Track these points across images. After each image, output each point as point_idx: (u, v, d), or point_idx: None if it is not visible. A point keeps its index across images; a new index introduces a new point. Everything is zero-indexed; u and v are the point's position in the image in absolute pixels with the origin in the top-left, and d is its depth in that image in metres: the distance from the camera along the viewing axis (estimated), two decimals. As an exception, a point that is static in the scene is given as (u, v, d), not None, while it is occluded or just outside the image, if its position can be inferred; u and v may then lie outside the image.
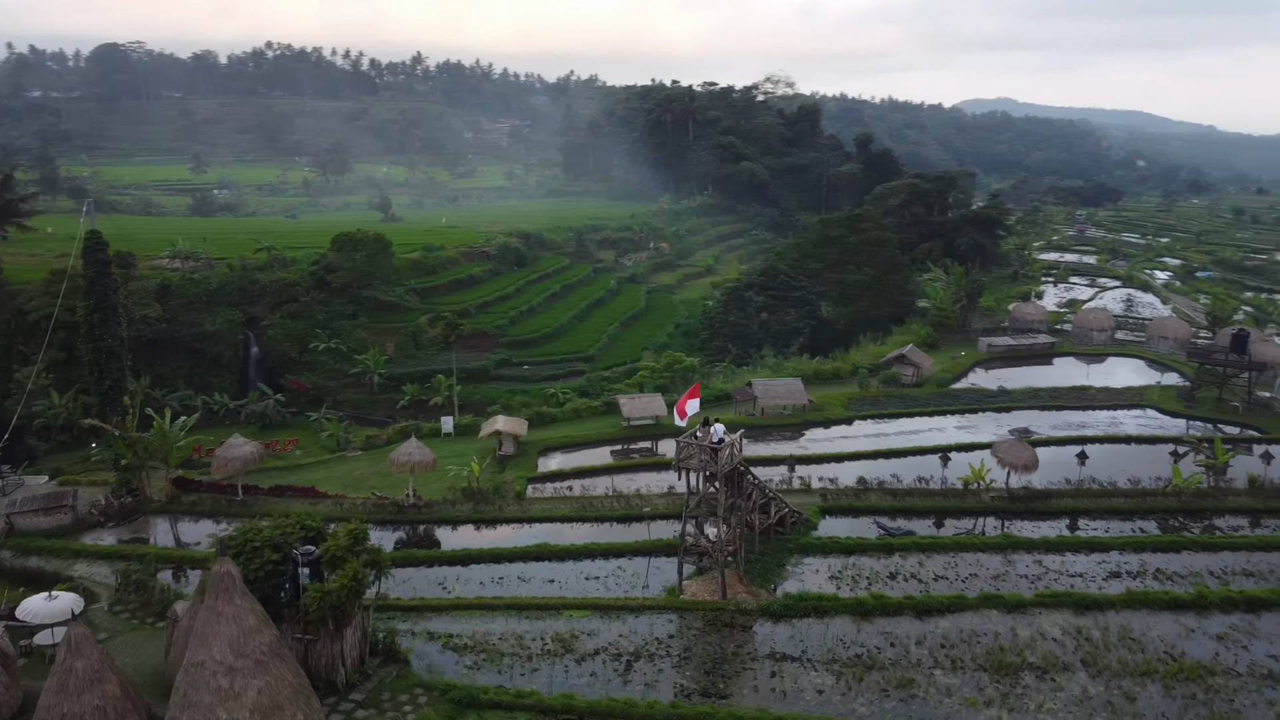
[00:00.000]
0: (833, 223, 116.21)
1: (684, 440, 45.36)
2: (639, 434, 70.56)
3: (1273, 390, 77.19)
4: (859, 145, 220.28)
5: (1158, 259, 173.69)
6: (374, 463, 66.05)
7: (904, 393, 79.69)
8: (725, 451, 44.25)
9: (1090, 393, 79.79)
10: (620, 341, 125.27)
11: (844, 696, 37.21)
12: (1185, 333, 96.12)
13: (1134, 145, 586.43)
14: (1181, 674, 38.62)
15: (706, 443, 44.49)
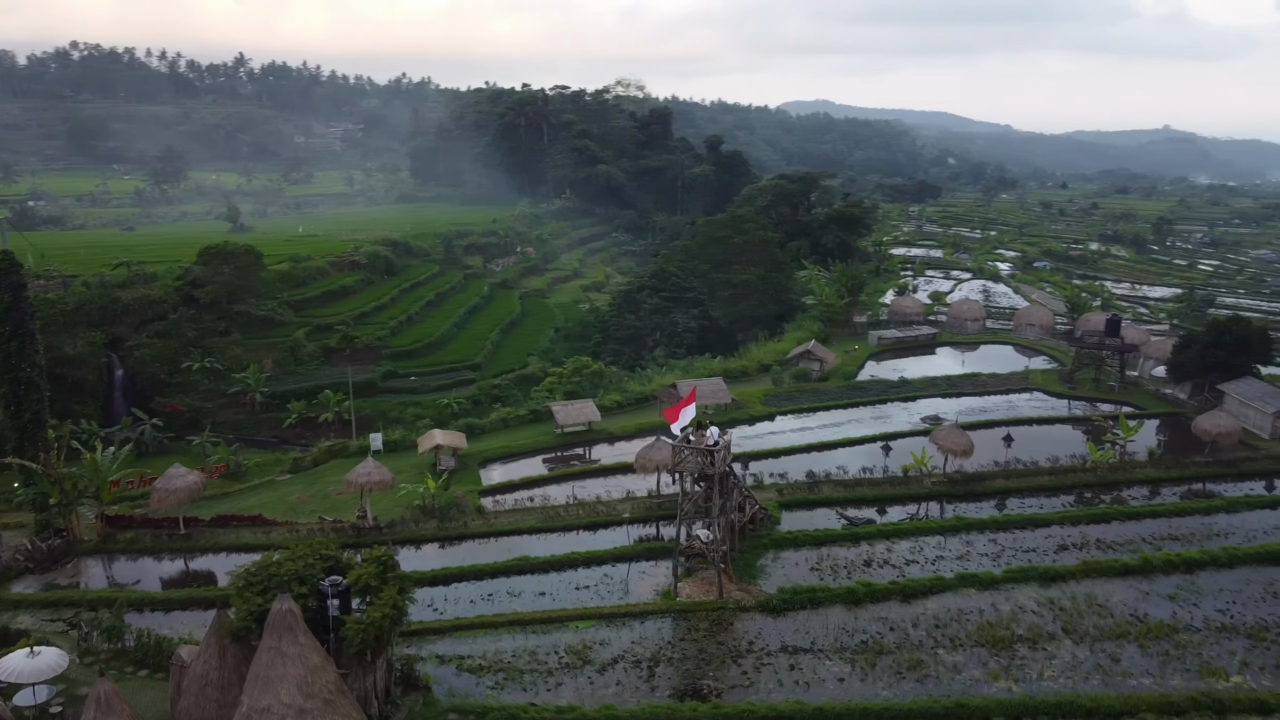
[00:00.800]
0: (717, 224, 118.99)
1: (679, 444, 45.84)
2: (573, 441, 70.47)
3: (1139, 370, 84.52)
4: (710, 147, 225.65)
5: (995, 251, 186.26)
6: (308, 486, 63.32)
7: (815, 387, 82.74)
8: (721, 453, 45.01)
9: (981, 379, 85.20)
10: (503, 348, 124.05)
11: (864, 682, 38.75)
12: (1049, 320, 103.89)
13: (944, 144, 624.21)
14: (1151, 634, 42.26)
15: (703, 445, 45.10)
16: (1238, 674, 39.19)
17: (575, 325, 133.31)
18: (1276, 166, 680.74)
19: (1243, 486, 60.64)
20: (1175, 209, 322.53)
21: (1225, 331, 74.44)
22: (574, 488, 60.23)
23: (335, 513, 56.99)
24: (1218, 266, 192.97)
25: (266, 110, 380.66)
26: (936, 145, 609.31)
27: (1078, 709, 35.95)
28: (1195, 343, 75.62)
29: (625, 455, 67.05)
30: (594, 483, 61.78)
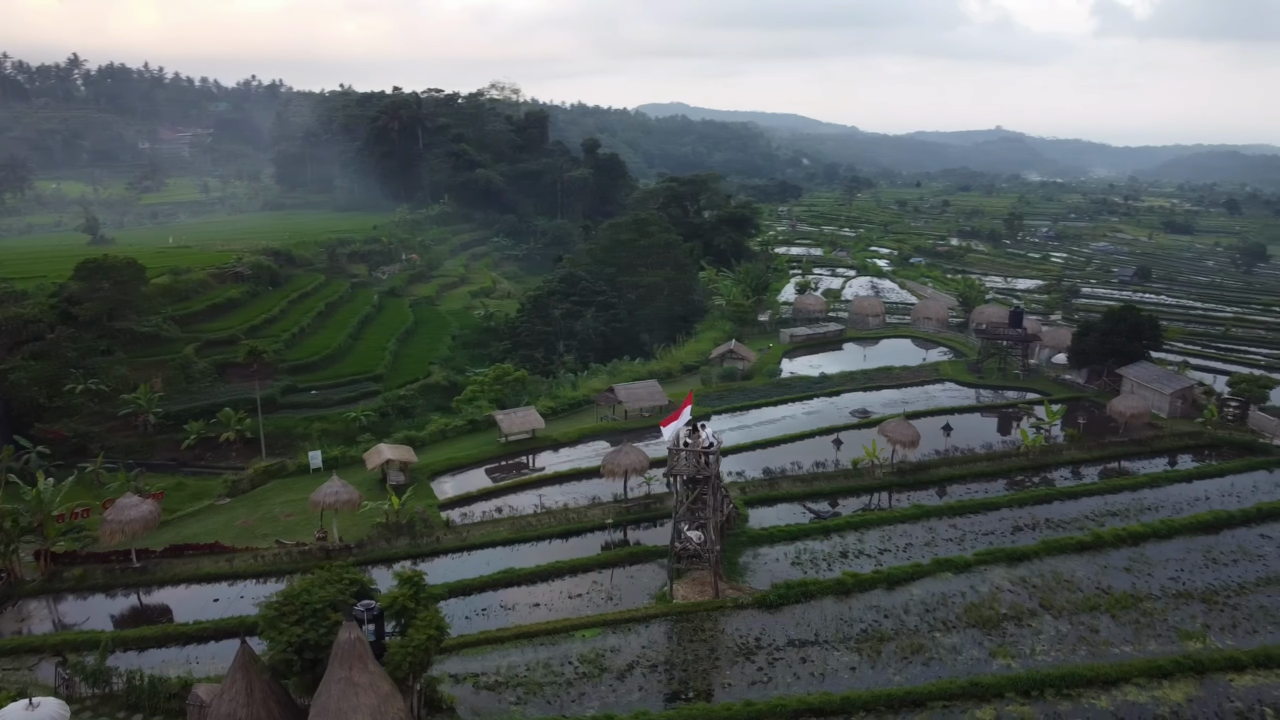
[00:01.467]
0: (621, 227, 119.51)
1: (674, 447, 46.15)
2: (518, 449, 69.75)
3: (1036, 359, 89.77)
4: (587, 150, 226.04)
5: (869, 248, 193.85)
6: (251, 509, 60.50)
7: (742, 386, 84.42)
8: (716, 455, 45.59)
9: (895, 372, 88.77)
10: (403, 358, 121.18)
11: (874, 670, 40.09)
12: (944, 313, 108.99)
13: (796, 145, 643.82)
14: (1118, 604, 45.27)
15: (698, 448, 45.56)
16: (1203, 636, 42.38)
17: (472, 332, 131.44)
18: (1096, 164, 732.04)
19: (1155, 463, 65.50)
20: (1016, 205, 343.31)
21: (1120, 319, 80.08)
22: (535, 496, 59.78)
23: (291, 535, 54.77)
24: (1067, 258, 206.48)
25: (107, 114, 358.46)
26: (790, 146, 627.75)
27: (1078, 679, 38.27)
28: (1093, 331, 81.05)
29: (574, 461, 67.11)
30: (553, 490, 61.44)
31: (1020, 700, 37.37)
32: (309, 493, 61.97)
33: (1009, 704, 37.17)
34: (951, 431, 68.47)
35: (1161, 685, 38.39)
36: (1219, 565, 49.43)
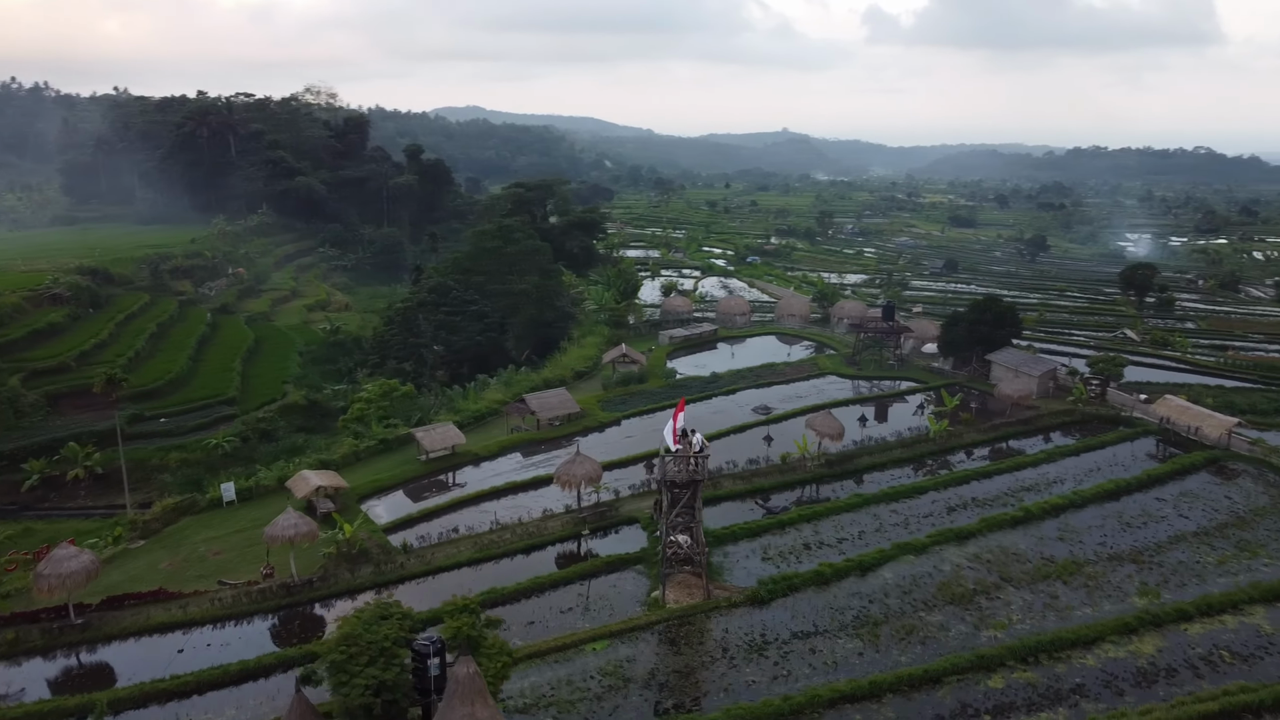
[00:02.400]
0: (486, 234, 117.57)
1: (665, 455, 46.55)
2: (441, 466, 67.89)
3: (904, 350, 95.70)
4: (410, 156, 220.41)
5: (702, 249, 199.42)
6: (172, 550, 56.00)
7: (641, 389, 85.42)
8: (707, 460, 46.42)
9: (779, 368, 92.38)
10: (253, 379, 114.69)
11: (880, 653, 42.23)
12: (806, 310, 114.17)
13: (597, 148, 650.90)
14: (1065, 571, 49.58)
15: (690, 453, 46.20)
16: (1140, 594, 47.16)
17: (319, 348, 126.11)
18: (875, 162, 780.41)
19: (1042, 440, 71.62)
20: (815, 203, 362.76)
21: (986, 310, 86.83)
22: (480, 513, 58.59)
23: (229, 574, 51.34)
24: (878, 252, 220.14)
25: None
26: (592, 149, 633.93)
27: (1063, 642, 41.88)
28: (961, 321, 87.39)
29: (501, 475, 66.19)
30: (494, 505, 60.30)
31: (1021, 667, 40.46)
32: (230, 528, 58.59)
33: (1013, 671, 40.16)
34: (866, 422, 72.20)
35: (1132, 640, 42.54)
36: (1133, 528, 54.92)
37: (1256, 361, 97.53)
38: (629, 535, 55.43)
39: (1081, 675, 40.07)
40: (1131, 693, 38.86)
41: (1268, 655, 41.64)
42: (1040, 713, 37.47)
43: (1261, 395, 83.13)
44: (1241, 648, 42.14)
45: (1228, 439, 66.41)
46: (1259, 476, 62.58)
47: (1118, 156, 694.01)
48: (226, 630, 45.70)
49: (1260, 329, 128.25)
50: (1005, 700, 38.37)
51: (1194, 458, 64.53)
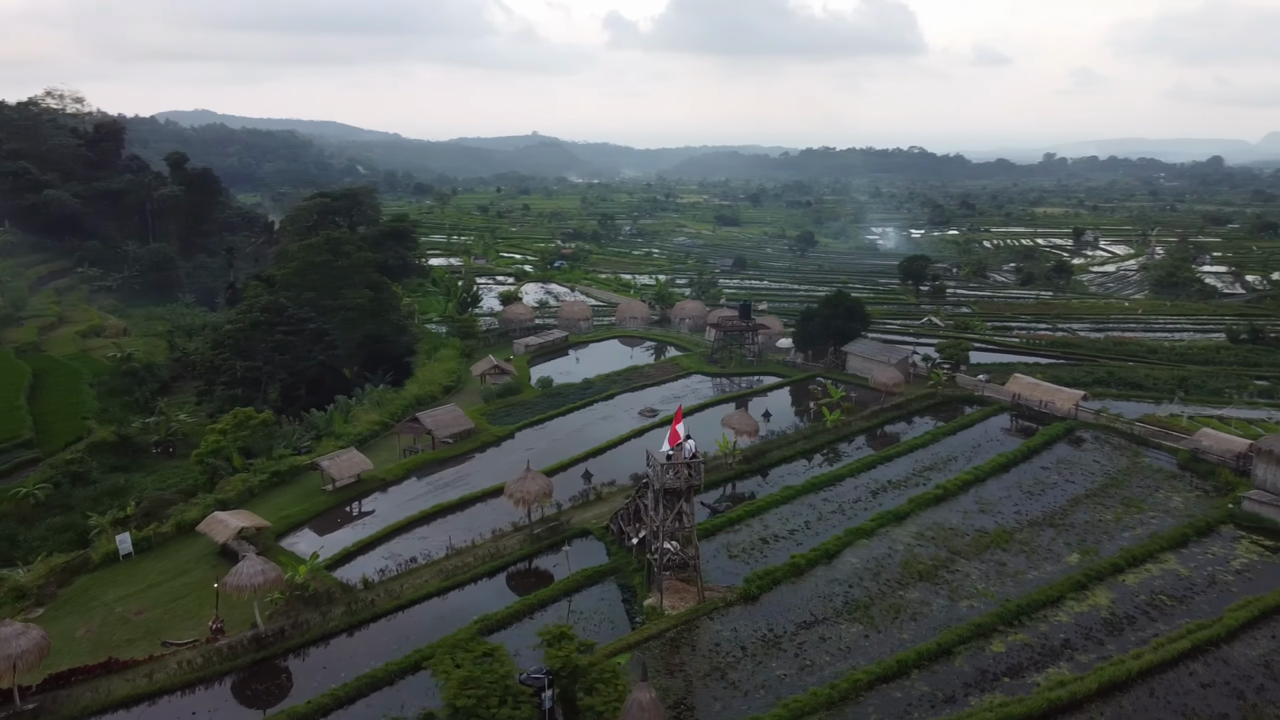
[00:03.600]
0: (314, 248, 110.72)
1: (663, 464, 46.74)
2: (351, 495, 64.30)
3: (758, 345, 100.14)
4: (173, 166, 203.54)
5: (500, 255, 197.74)
6: (83, 614, 49.69)
7: (520, 400, 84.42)
8: (700, 466, 47.12)
9: (645, 370, 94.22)
10: (45, 416, 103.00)
11: (882, 634, 44.86)
12: (646, 312, 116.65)
13: (346, 153, 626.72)
14: (1001, 540, 54.48)
15: (681, 460, 46.69)
16: (1072, 554, 52.75)
17: (112, 379, 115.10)
18: (625, 164, 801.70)
19: (914, 422, 77.60)
20: (582, 206, 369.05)
21: (838, 304, 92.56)
22: (415, 540, 56.50)
23: (169, 633, 46.63)
24: (663, 253, 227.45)
25: None
26: (341, 154, 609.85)
27: (1034, 604, 46.30)
28: (816, 316, 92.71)
29: (413, 498, 63.85)
30: (429, 530, 58.31)
31: (1012, 630, 44.38)
32: (142, 583, 53.23)
33: (1006, 635, 44.00)
34: (771, 416, 75.24)
35: (1088, 595, 47.62)
36: (1035, 496, 61.03)
37: (1051, 340, 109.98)
38: (585, 548, 55.19)
39: (1063, 631, 44.50)
40: (1110, 641, 43.62)
41: (1195, 594, 47.92)
42: (1047, 669, 41.31)
43: (1068, 370, 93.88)
44: (1173, 591, 48.23)
45: (1075, 410, 74.86)
46: (1108, 441, 71.11)
47: (844, 156, 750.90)
48: (205, 694, 41.61)
49: (1023, 310, 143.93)
50: (1013, 662, 41.99)
51: (1054, 429, 72.31)
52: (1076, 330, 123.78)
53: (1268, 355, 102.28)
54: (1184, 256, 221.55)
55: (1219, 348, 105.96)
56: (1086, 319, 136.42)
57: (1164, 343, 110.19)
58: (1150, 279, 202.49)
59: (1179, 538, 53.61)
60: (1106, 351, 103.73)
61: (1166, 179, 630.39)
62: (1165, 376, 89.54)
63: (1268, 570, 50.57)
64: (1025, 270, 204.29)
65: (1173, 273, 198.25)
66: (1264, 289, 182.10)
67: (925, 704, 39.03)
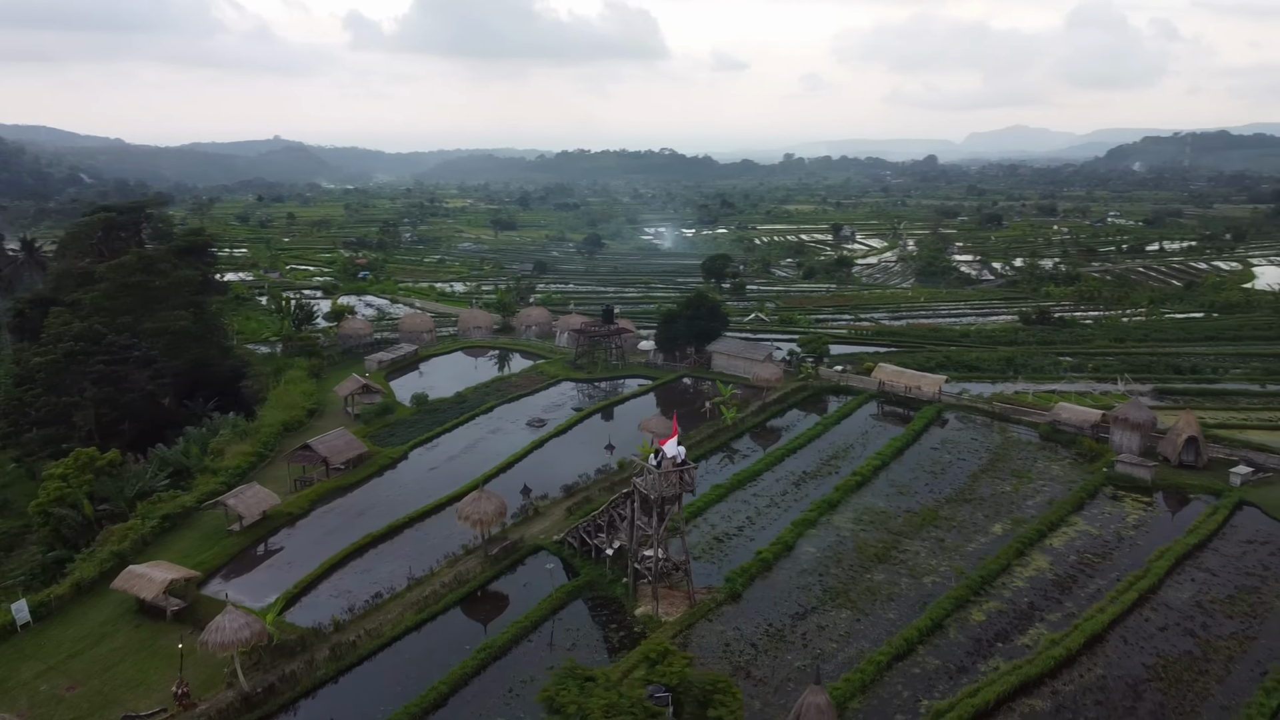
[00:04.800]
0: (126, 268, 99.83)
1: (654, 472, 46.75)
2: (261, 532, 59.52)
3: (622, 349, 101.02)
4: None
5: (289, 267, 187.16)
6: (6, 700, 43.28)
7: (398, 419, 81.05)
8: (692, 472, 47.60)
9: (513, 379, 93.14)
10: None
11: (870, 617, 47.40)
12: (489, 321, 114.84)
13: (68, 161, 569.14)
14: (930, 519, 58.74)
15: (669, 467, 46.95)
16: (995, 524, 57.79)
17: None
18: (377, 169, 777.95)
19: (796, 413, 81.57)
20: (346, 213, 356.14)
21: (700, 305, 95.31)
22: (357, 574, 53.66)
23: (125, 706, 41.83)
24: (455, 259, 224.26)
25: None
26: (60, 162, 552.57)
27: (989, 575, 50.41)
28: (679, 317, 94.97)
29: (336, 530, 60.22)
30: (363, 563, 55.24)
31: (981, 599, 48.25)
32: (61, 654, 47.41)
33: (980, 605, 47.80)
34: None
35: (1029, 562, 52.46)
36: (940, 476, 66.05)
37: (876, 329, 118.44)
38: (537, 565, 54.37)
39: (1024, 596, 48.84)
40: (1065, 599, 48.39)
41: (1112, 550, 53.94)
42: (1028, 630, 45.32)
43: (904, 356, 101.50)
44: (1095, 550, 54.02)
45: (939, 394, 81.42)
46: (973, 420, 77.94)
47: (599, 158, 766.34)
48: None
49: (822, 302, 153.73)
50: (997, 628, 45.71)
51: (928, 412, 78.30)
52: (879, 320, 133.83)
53: (1056, 333, 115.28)
54: (938, 247, 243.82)
55: (1017, 329, 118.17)
56: (881, 309, 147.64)
57: (970, 327, 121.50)
58: (913, 269, 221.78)
59: (1076, 502, 59.95)
60: (927, 338, 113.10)
61: (892, 176, 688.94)
62: (992, 358, 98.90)
63: (1157, 523, 57.72)
64: (806, 265, 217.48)
65: (931, 263, 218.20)
66: (1010, 274, 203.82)
67: (944, 676, 41.79)
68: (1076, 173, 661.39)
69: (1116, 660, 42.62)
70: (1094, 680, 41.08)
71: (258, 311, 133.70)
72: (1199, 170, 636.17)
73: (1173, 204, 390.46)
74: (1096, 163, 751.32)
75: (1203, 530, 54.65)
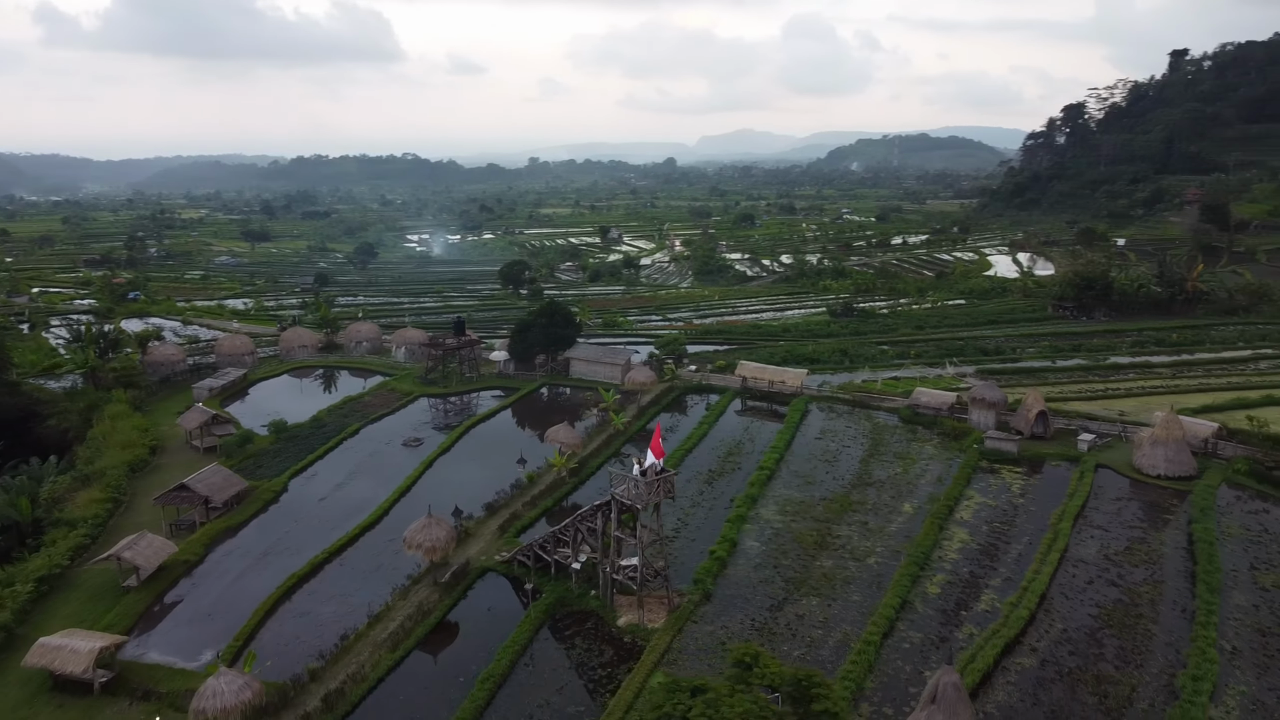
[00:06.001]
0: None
1: (639, 481, 46.72)
2: (160, 586, 53.77)
3: (476, 361, 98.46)
4: None
5: (50, 290, 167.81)
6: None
7: (257, 449, 75.51)
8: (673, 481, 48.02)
9: (366, 398, 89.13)
10: None
11: (841, 600, 49.93)
12: (314, 340, 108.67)
13: None
14: (847, 505, 62.20)
15: (655, 475, 47.18)
16: (904, 503, 62.32)
17: None
18: (87, 178, 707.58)
19: (670, 414, 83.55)
20: (65, 228, 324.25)
21: (554, 313, 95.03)
22: (295, 615, 50.38)
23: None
24: (215, 273, 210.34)
25: None
26: None
27: (925, 550, 54.43)
28: (534, 325, 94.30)
29: (246, 578, 55.71)
30: (296, 606, 51.61)
31: (927, 573, 52.12)
32: None
33: (928, 579, 51.55)
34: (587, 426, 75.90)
35: (951, 536, 57.02)
36: (834, 464, 70.04)
37: (706, 328, 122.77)
38: (490, 586, 53.12)
39: (963, 566, 53.21)
40: (998, 565, 53.20)
41: (1014, 517, 59.64)
42: (980, 596, 49.56)
43: (744, 352, 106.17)
44: (999, 520, 59.47)
45: (802, 387, 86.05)
46: (835, 409, 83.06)
47: (339, 164, 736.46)
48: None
49: (626, 304, 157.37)
50: (955, 598, 49.64)
51: (799, 405, 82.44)
52: (690, 319, 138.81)
53: (864, 324, 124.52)
54: (710, 247, 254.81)
55: (829, 322, 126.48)
56: (684, 308, 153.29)
57: (787, 321, 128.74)
58: (692, 268, 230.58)
59: (965, 478, 65.67)
60: (751, 334, 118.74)
61: (636, 179, 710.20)
62: (826, 350, 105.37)
63: (1037, 490, 64.39)
64: (589, 267, 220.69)
65: (706, 262, 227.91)
66: (781, 270, 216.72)
67: (930, 647, 44.94)
68: (804, 173, 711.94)
69: (1066, 614, 47.56)
70: (1059, 634, 45.70)
71: (25, 341, 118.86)
72: (907, 169, 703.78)
73: (893, 200, 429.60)
74: (820, 163, 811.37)
75: (1081, 493, 61.63)
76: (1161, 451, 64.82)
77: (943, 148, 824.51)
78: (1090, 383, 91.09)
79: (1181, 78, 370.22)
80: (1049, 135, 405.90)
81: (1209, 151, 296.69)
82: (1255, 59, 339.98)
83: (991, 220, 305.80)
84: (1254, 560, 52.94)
